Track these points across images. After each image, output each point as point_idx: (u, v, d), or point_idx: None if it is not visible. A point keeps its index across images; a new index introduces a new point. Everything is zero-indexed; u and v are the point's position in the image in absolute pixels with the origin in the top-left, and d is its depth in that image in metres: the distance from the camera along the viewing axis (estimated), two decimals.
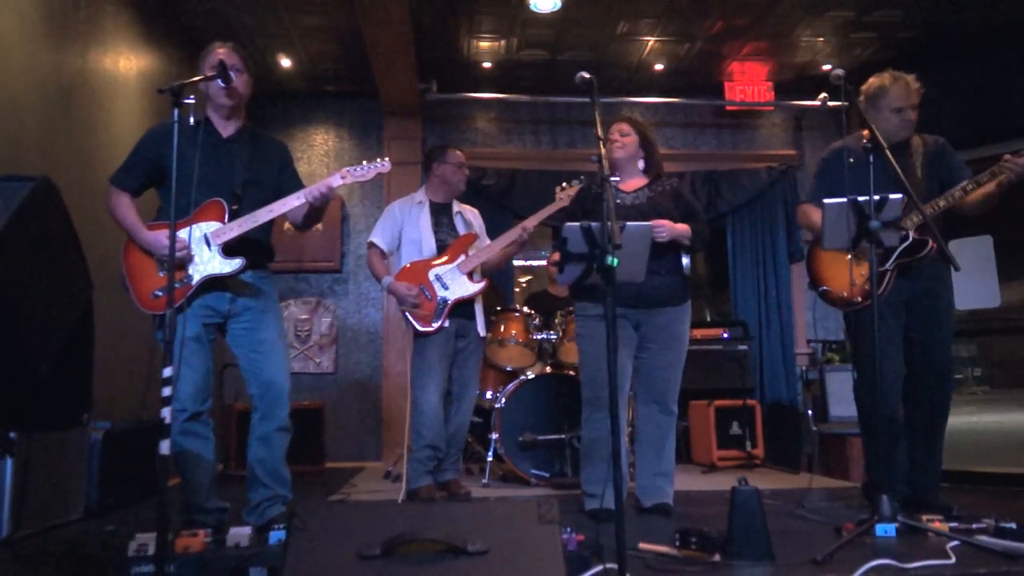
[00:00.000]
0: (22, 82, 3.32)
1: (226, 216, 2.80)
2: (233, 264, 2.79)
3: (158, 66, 4.82)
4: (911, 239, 3.09)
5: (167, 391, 2.09)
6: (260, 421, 2.88)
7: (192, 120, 2.64)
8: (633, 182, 3.43)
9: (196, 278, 2.76)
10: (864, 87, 3.31)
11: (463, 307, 3.84)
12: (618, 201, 3.33)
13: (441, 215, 3.99)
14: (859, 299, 3.19)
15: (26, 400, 2.18)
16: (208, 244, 2.78)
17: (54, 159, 3.53)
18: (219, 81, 2.67)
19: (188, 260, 2.74)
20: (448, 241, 3.91)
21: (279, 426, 2.88)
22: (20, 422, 2.44)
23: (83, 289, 2.40)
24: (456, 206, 4.06)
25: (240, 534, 2.37)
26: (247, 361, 2.90)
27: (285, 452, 2.92)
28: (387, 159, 3.02)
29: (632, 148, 3.40)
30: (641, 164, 3.43)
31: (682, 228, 3.23)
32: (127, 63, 4.41)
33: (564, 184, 4.07)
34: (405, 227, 3.93)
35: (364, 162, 2.98)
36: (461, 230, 3.98)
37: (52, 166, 3.35)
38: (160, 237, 2.69)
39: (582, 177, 4.04)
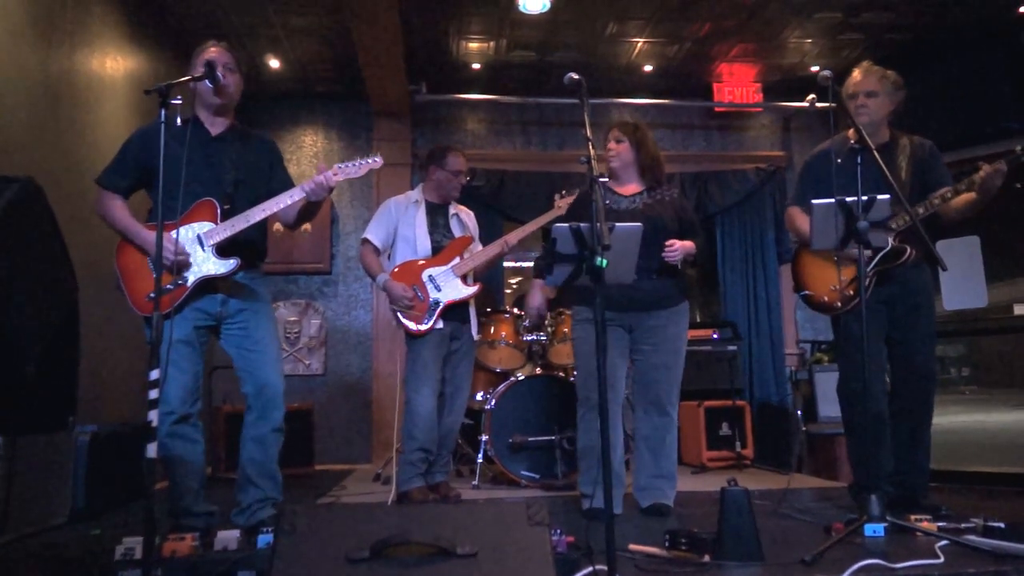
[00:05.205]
0: (7, 82, 3.30)
1: (218, 216, 2.79)
2: (228, 265, 2.78)
3: (146, 67, 4.79)
4: (890, 246, 3.10)
5: (154, 394, 2.08)
6: (255, 422, 2.87)
7: (180, 120, 2.62)
8: (631, 187, 3.41)
9: (191, 279, 2.75)
10: None
11: (457, 310, 3.82)
12: (613, 206, 3.33)
13: (437, 216, 3.95)
14: (838, 304, 3.21)
15: (10, 402, 2.15)
16: (201, 245, 2.77)
17: (40, 160, 3.50)
18: (207, 81, 2.66)
19: (187, 263, 2.73)
20: (443, 243, 3.88)
21: (274, 427, 2.88)
22: (4, 425, 2.41)
23: (68, 291, 2.38)
24: (453, 207, 4.03)
25: (228, 538, 2.35)
26: (242, 360, 2.89)
27: (279, 453, 2.91)
28: (379, 157, 3.01)
29: (626, 155, 3.38)
30: (637, 169, 3.41)
31: (690, 246, 3.22)
32: (114, 63, 4.38)
33: (564, 192, 4.06)
34: (400, 225, 3.90)
35: (357, 159, 2.96)
36: (457, 232, 3.96)
37: (38, 167, 3.32)
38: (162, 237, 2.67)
39: (578, 189, 4.04)
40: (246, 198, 2.87)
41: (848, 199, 2.70)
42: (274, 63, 5.74)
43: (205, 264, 2.76)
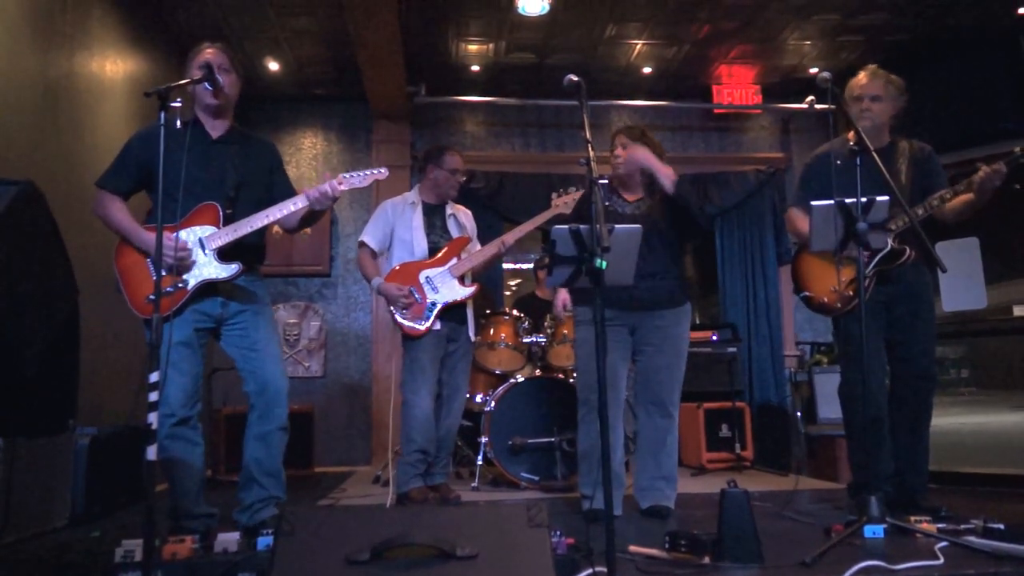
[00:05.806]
0: (7, 85, 3.30)
1: (220, 220, 2.79)
2: (229, 269, 2.78)
3: (145, 69, 4.80)
4: (889, 247, 3.11)
5: (154, 396, 2.08)
6: (258, 420, 2.87)
7: (179, 123, 2.62)
8: (637, 192, 3.41)
9: (192, 283, 2.74)
10: None
11: (454, 311, 3.82)
12: (618, 209, 3.34)
13: (434, 217, 3.95)
14: (838, 305, 3.22)
15: (11, 405, 2.15)
16: (203, 248, 2.77)
17: (40, 163, 3.50)
18: (205, 83, 2.66)
19: (188, 264, 2.72)
20: (441, 244, 3.88)
21: (278, 425, 2.87)
22: (4, 427, 2.41)
23: (68, 294, 2.38)
24: (450, 208, 4.02)
25: (228, 540, 2.35)
26: (243, 360, 2.89)
27: (283, 452, 2.91)
28: (384, 168, 3.02)
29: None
30: (643, 174, 3.37)
31: (656, 163, 3.16)
32: (114, 66, 4.38)
33: (560, 190, 4.05)
34: (397, 227, 3.89)
35: (362, 169, 2.98)
36: (454, 233, 3.95)
37: (38, 170, 3.32)
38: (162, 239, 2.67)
39: (575, 187, 4.04)
40: (247, 201, 2.87)
41: (847, 201, 2.70)
42: (273, 65, 5.75)
43: (206, 268, 2.76)
